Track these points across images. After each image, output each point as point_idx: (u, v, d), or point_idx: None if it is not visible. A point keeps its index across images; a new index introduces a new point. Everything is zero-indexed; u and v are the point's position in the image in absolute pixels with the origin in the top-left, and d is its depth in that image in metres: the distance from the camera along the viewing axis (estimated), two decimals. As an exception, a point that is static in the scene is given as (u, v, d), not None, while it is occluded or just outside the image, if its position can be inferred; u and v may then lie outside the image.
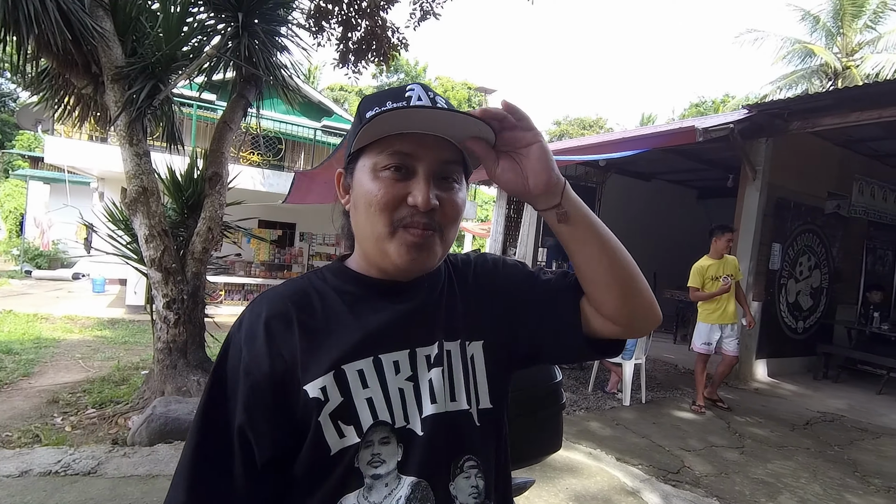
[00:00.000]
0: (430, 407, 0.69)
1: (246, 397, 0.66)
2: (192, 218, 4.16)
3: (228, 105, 4.32)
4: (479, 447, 0.72)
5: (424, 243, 0.69)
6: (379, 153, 0.69)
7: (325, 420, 0.65)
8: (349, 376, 0.67)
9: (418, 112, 0.67)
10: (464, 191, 0.74)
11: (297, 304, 0.71)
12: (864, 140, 6.66)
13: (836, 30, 15.61)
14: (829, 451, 4.00)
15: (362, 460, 0.66)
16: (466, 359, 0.74)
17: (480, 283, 0.80)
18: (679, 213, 10.33)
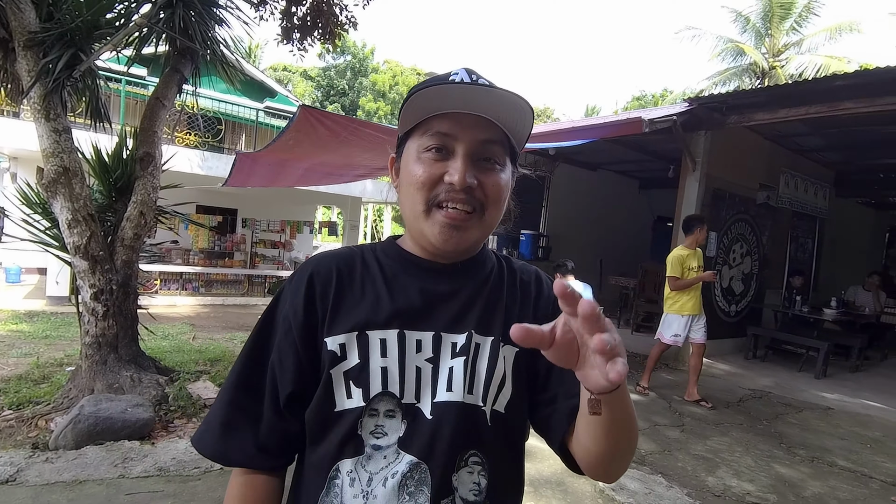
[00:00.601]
0: (445, 394, 0.70)
1: (279, 339, 0.73)
2: (122, 202, 3.83)
3: (161, 80, 3.99)
4: (487, 446, 0.71)
5: (460, 224, 0.70)
6: (421, 135, 0.72)
7: (337, 375, 0.69)
8: (370, 342, 0.70)
9: (456, 91, 0.68)
10: (507, 172, 0.75)
11: (341, 267, 0.76)
12: (790, 135, 7.10)
13: (764, 31, 16.58)
14: (759, 425, 4.28)
15: (365, 428, 0.68)
16: (497, 358, 0.74)
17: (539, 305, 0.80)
18: (623, 203, 10.69)
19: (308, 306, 0.73)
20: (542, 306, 0.81)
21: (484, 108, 0.69)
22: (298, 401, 0.72)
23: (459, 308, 0.75)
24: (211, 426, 0.74)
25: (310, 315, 0.73)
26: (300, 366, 0.72)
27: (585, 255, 9.70)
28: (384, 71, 28.43)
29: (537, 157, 9.01)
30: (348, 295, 0.74)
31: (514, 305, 0.79)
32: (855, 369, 6.58)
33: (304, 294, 0.73)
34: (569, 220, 9.77)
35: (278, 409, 0.72)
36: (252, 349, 0.76)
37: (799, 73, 15.31)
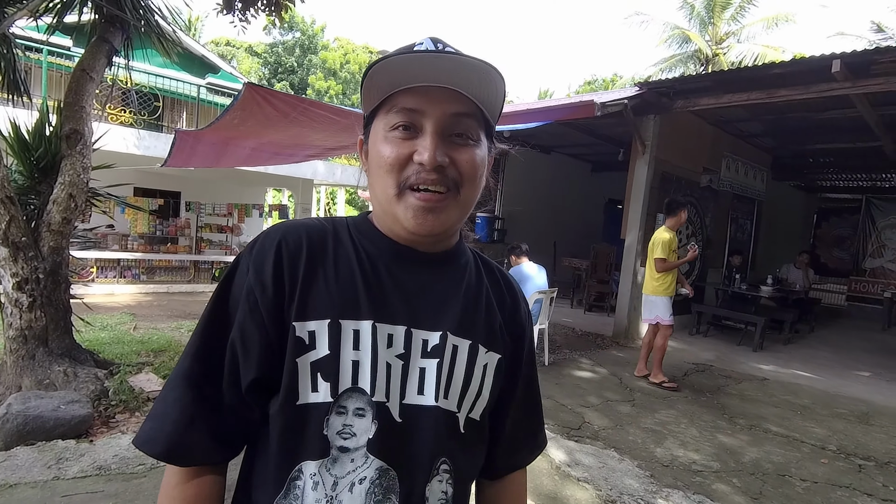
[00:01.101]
0: (416, 397, 0.66)
1: (243, 316, 0.65)
2: (46, 183, 3.52)
3: (87, 50, 3.66)
4: (457, 454, 0.68)
5: (435, 206, 0.65)
6: (387, 113, 0.66)
7: (303, 365, 0.63)
8: (343, 333, 0.64)
9: (421, 61, 0.63)
10: (483, 148, 0.69)
11: (312, 239, 0.69)
12: (732, 121, 7.42)
13: (708, 19, 17.18)
14: (703, 397, 4.51)
15: (332, 428, 0.62)
16: (476, 363, 0.70)
17: (515, 322, 0.78)
18: (576, 186, 10.90)
19: (277, 281, 0.64)
20: (518, 322, 0.78)
21: (452, 80, 0.63)
22: (262, 387, 0.64)
23: (435, 303, 0.69)
24: (159, 421, 0.64)
25: (278, 291, 0.64)
26: (268, 348, 0.64)
27: (540, 237, 9.85)
28: (335, 49, 27.56)
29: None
30: (320, 273, 0.66)
31: (493, 310, 0.75)
32: (787, 342, 7.05)
33: (273, 265, 0.65)
34: (523, 203, 9.87)
35: (240, 394, 0.64)
36: (206, 329, 0.66)
37: (739, 60, 16.03)
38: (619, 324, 6.66)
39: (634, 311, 6.60)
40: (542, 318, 5.01)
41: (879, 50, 4.71)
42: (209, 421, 0.64)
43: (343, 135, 5.15)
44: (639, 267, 6.53)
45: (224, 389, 0.64)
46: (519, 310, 0.79)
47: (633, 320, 6.60)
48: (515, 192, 9.76)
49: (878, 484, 3.07)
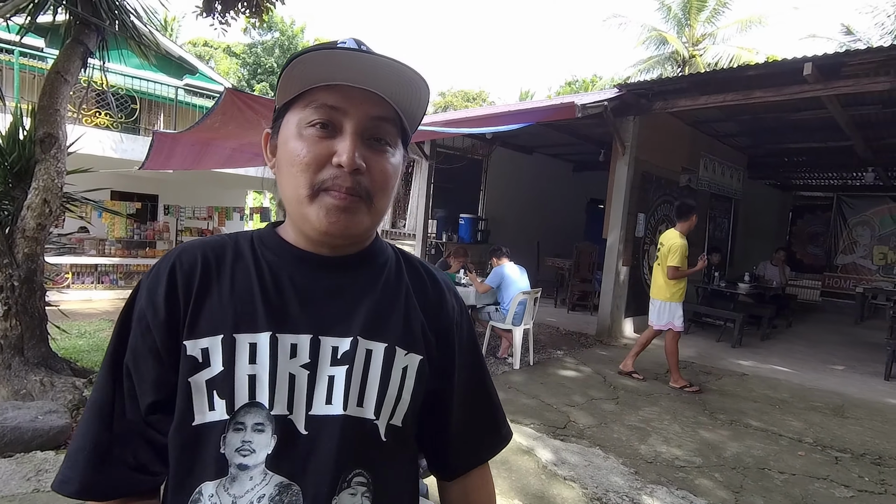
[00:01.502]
0: (323, 406, 0.62)
1: (134, 339, 0.64)
2: (20, 188, 3.43)
3: (62, 52, 3.58)
4: (376, 464, 0.64)
5: (349, 206, 0.63)
6: (304, 108, 0.63)
7: (197, 384, 0.61)
8: (238, 347, 0.62)
9: (346, 59, 0.61)
10: (398, 156, 0.68)
11: (208, 256, 0.67)
12: (708, 121, 7.58)
13: (684, 21, 17.49)
14: (684, 394, 4.59)
15: (230, 445, 0.60)
16: (392, 367, 0.67)
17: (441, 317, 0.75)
18: (557, 186, 11.00)
19: (169, 302, 0.63)
20: (444, 318, 0.75)
21: (375, 83, 0.62)
22: (164, 411, 0.63)
23: (344, 307, 0.67)
24: (73, 459, 0.62)
25: (171, 312, 0.63)
26: (162, 372, 0.62)
27: (523, 237, 9.93)
28: (316, 50, 27.36)
29: (475, 140, 9.04)
30: (214, 290, 0.64)
31: (414, 309, 0.71)
32: (765, 337, 7.22)
33: (165, 287, 0.63)
34: (506, 203, 9.93)
35: (140, 419, 0.63)
36: (110, 358, 0.65)
37: (715, 62, 16.35)
38: (602, 322, 6.74)
39: (617, 309, 6.69)
40: (527, 318, 5.04)
41: (849, 52, 4.86)
42: (122, 451, 0.63)
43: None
44: (621, 266, 6.62)
45: (131, 415, 0.63)
46: (444, 306, 0.75)
47: (615, 319, 6.69)
48: (498, 193, 9.81)
49: (853, 475, 3.17)
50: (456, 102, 30.23)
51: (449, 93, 31.92)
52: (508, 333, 5.17)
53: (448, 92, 32.07)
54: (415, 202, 10.00)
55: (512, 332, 5.04)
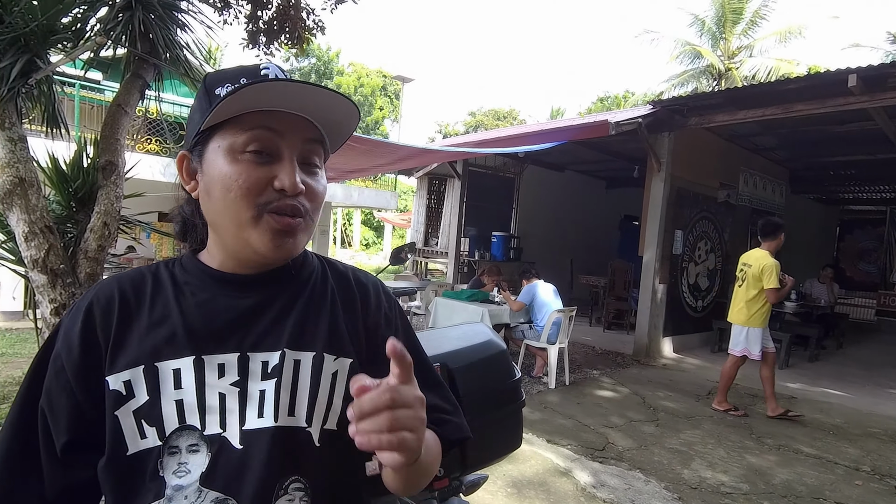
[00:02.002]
0: (255, 420, 0.63)
1: (49, 380, 0.64)
2: (83, 212, 3.67)
3: (122, 86, 3.84)
4: (313, 469, 0.65)
5: (292, 230, 0.64)
6: (236, 133, 0.63)
7: (124, 416, 0.62)
8: (161, 374, 0.63)
9: (277, 88, 0.62)
10: (324, 176, 0.71)
11: (125, 290, 0.68)
12: (746, 135, 7.41)
13: (719, 34, 17.24)
14: (728, 417, 4.43)
15: (167, 468, 0.61)
16: (321, 373, 0.67)
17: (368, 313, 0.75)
18: (590, 203, 10.92)
19: (85, 342, 0.64)
20: (371, 314, 0.75)
21: (307, 108, 0.64)
22: (80, 449, 0.63)
23: (270, 322, 0.68)
24: None
25: (87, 352, 0.63)
26: (77, 411, 0.63)
27: (556, 254, 9.87)
28: (349, 74, 28.21)
29: (506, 159, 9.11)
30: (135, 322, 0.65)
31: (339, 313, 0.73)
32: (813, 359, 6.90)
33: (81, 327, 0.64)
34: (539, 221, 9.92)
35: (56, 459, 0.63)
36: (26, 394, 0.65)
37: (752, 74, 15.99)
38: (639, 342, 6.59)
39: (655, 328, 6.55)
40: (562, 336, 5.00)
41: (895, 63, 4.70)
42: (32, 491, 0.63)
43: (361, 158, 5.28)
44: (658, 284, 6.50)
45: (42, 455, 0.63)
46: (368, 303, 0.76)
47: (653, 338, 6.54)
48: (530, 210, 9.82)
49: (915, 506, 2.99)
50: (486, 121, 30.50)
51: (479, 112, 32.25)
52: (543, 352, 5.13)
53: (478, 111, 32.42)
54: (447, 220, 10.11)
55: (547, 350, 5.00)
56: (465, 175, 8.98)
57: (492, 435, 1.06)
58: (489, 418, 1.04)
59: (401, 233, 24.51)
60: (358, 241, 26.03)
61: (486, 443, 1.05)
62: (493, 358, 1.07)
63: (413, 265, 10.91)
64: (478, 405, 1.01)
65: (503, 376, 1.09)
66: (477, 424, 1.02)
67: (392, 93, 28.45)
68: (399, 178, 14.01)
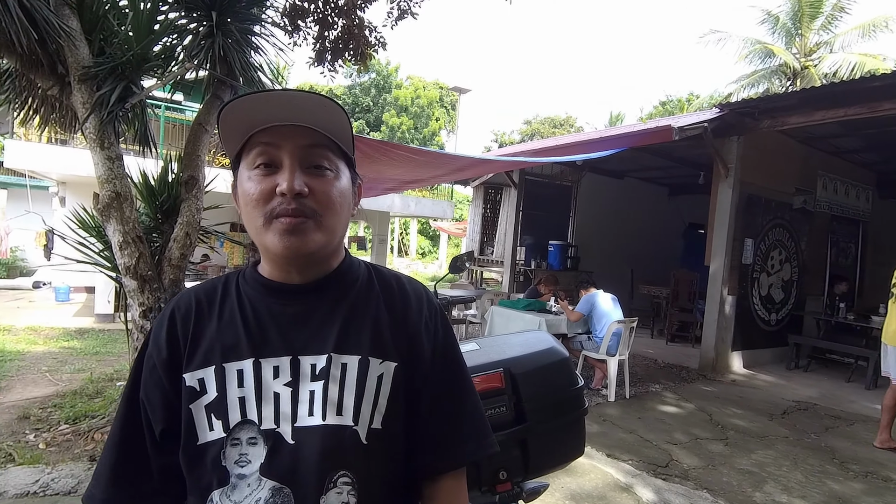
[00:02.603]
0: (307, 418, 0.70)
1: (145, 377, 0.75)
2: (168, 223, 4.00)
3: (203, 106, 4.17)
4: (359, 465, 0.71)
5: (297, 227, 0.70)
6: (248, 154, 0.72)
7: (197, 409, 0.71)
8: (227, 374, 0.71)
9: (264, 103, 0.69)
10: (342, 178, 0.75)
11: (200, 299, 0.78)
12: (825, 137, 6.92)
13: (794, 30, 16.23)
14: (807, 438, 4.14)
15: (229, 458, 0.69)
16: (368, 376, 0.73)
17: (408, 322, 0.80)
18: (651, 211, 10.55)
19: (169, 343, 0.74)
20: (412, 320, 0.80)
21: (301, 116, 0.70)
22: (172, 436, 0.73)
23: (316, 327, 0.75)
24: (94, 482, 0.74)
25: (172, 352, 0.74)
26: (168, 403, 0.73)
27: (615, 264, 9.61)
28: (407, 87, 28.86)
29: (564, 167, 9.00)
30: (207, 327, 0.75)
31: (384, 318, 0.78)
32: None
33: (166, 331, 0.75)
34: (597, 229, 9.70)
35: (156, 443, 0.73)
36: (129, 390, 0.76)
37: (833, 72, 14.91)
38: (705, 356, 6.29)
39: (722, 342, 6.23)
40: (622, 348, 4.86)
41: None
42: (141, 473, 0.73)
43: (420, 170, 5.41)
44: (726, 295, 6.18)
45: (147, 442, 0.74)
46: (410, 312, 0.80)
47: (721, 352, 6.22)
48: (588, 218, 9.63)
49: None
50: (542, 130, 30.20)
51: (535, 120, 32.00)
52: (602, 364, 5.01)
53: (534, 120, 32.17)
54: (503, 229, 10.09)
55: (606, 362, 4.88)
56: (521, 184, 8.95)
57: (555, 441, 1.07)
58: (552, 425, 1.06)
59: (456, 242, 24.66)
60: (414, 249, 26.43)
61: (549, 449, 1.06)
62: (555, 365, 1.09)
63: (468, 274, 10.96)
64: (541, 411, 1.04)
65: (566, 383, 1.10)
66: (540, 431, 1.05)
67: (448, 103, 28.82)
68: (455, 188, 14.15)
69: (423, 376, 0.79)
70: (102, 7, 3.60)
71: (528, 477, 1.07)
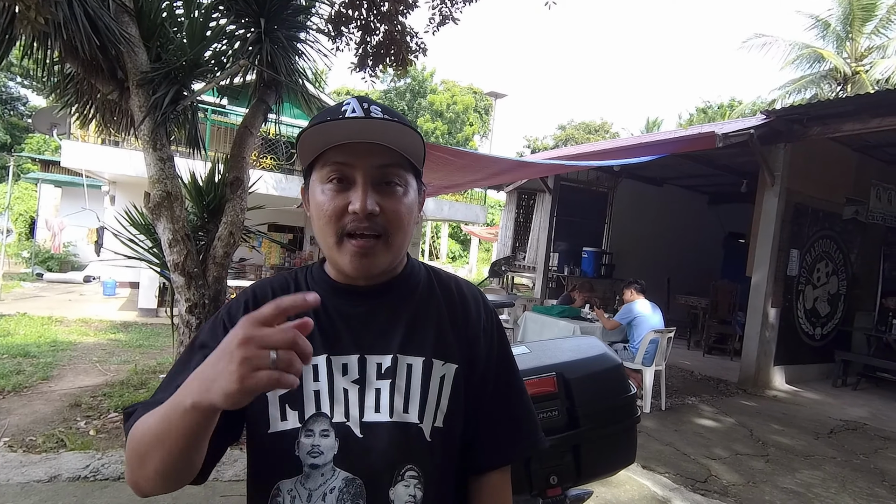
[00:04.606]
0: (374, 415, 0.73)
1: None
2: (213, 222, 4.15)
3: (249, 110, 4.31)
4: (424, 460, 0.73)
5: (368, 251, 0.72)
6: (322, 167, 0.74)
7: (273, 398, 0.72)
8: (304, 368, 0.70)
9: (348, 123, 0.71)
10: (410, 192, 0.77)
11: (276, 291, 0.80)
12: (880, 146, 6.62)
13: (845, 34, 15.57)
14: (856, 459, 3.95)
15: (302, 450, 0.71)
16: (431, 377, 0.76)
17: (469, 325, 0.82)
18: (691, 219, 10.29)
19: None
20: (472, 325, 0.82)
21: (375, 135, 0.71)
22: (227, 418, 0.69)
23: (381, 329, 0.77)
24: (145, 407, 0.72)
25: None
26: None
27: (651, 272, 9.37)
28: (442, 91, 29.03)
29: (599, 173, 8.89)
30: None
31: (446, 321, 0.81)
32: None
33: (243, 312, 0.72)
34: (633, 237, 9.52)
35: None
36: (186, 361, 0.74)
37: (885, 77, 14.25)
38: (745, 369, 6.08)
39: (765, 356, 6.02)
40: (659, 358, 4.76)
41: None
42: None
43: (458, 174, 5.44)
44: (769, 308, 5.97)
45: None
46: (469, 315, 0.83)
47: (762, 366, 6.00)
48: (624, 226, 9.46)
49: None
50: (577, 135, 29.89)
51: (569, 126, 31.70)
52: (637, 374, 4.90)
53: (568, 125, 31.87)
54: (535, 235, 10.03)
55: (642, 372, 4.78)
56: (556, 189, 8.87)
57: (607, 449, 1.07)
58: (605, 431, 1.05)
59: (486, 246, 24.61)
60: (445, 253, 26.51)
61: (601, 456, 1.06)
62: (608, 372, 1.09)
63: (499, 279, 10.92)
64: (593, 417, 1.04)
65: (618, 391, 1.10)
66: (592, 437, 1.04)
67: (482, 108, 28.85)
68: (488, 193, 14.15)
69: (480, 377, 0.82)
70: (160, 15, 3.78)
71: (579, 483, 1.07)
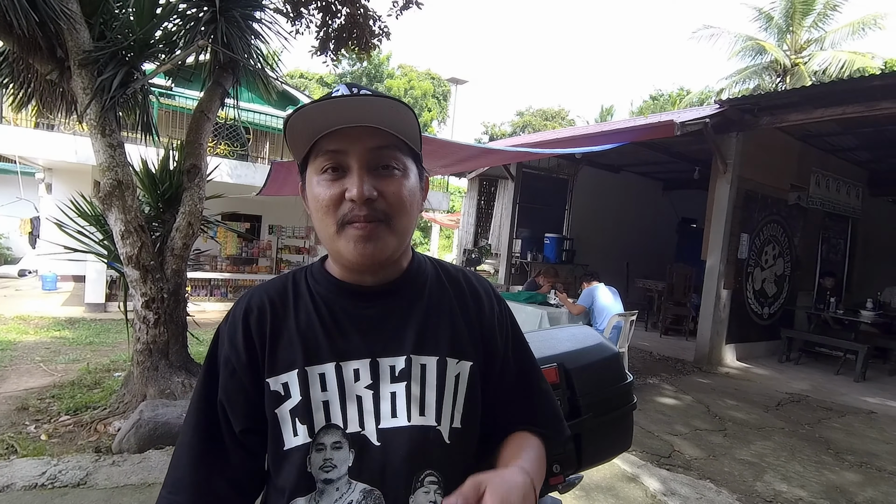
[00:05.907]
0: (391, 420, 0.69)
1: (224, 380, 0.72)
2: (169, 212, 3.94)
3: (205, 94, 4.10)
4: (444, 464, 0.71)
5: (371, 234, 0.68)
6: (315, 159, 0.71)
7: (283, 414, 0.69)
8: (310, 378, 0.70)
9: (333, 106, 0.67)
10: (411, 176, 0.73)
11: (273, 300, 0.75)
12: (821, 135, 7.01)
13: (786, 27, 16.35)
14: (801, 430, 4.23)
15: (314, 465, 0.68)
16: (446, 377, 0.73)
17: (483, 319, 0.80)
18: (647, 205, 10.63)
19: (248, 348, 0.72)
20: (486, 319, 0.80)
21: (366, 117, 0.67)
22: (254, 434, 0.72)
23: (392, 329, 0.74)
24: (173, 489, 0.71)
25: (251, 356, 0.72)
26: (251, 405, 0.71)
27: (610, 257, 9.68)
28: (399, 76, 28.61)
29: (561, 160, 9.02)
30: (284, 328, 0.73)
31: (458, 318, 0.78)
32: (893, 372, 6.46)
33: (242, 333, 0.73)
34: (593, 223, 9.75)
35: (238, 442, 0.72)
36: (201, 395, 0.74)
37: (822, 69, 15.08)
38: (700, 349, 6.38)
39: (717, 335, 6.33)
40: (622, 341, 4.91)
41: None
42: (221, 471, 0.70)
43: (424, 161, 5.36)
44: (722, 289, 6.27)
45: (227, 441, 0.71)
46: (483, 311, 0.81)
47: (715, 345, 6.31)
48: (584, 212, 9.67)
49: None
50: (534, 122, 30.19)
51: (527, 112, 31.98)
52: (602, 356, 5.05)
53: (526, 111, 32.15)
54: (498, 222, 10.11)
55: (606, 355, 4.92)
56: (518, 176, 8.95)
57: (606, 436, 1.08)
58: (604, 419, 1.07)
59: (447, 233, 24.65)
60: (405, 240, 26.33)
61: (600, 444, 1.08)
62: (606, 360, 1.10)
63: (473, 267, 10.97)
64: (594, 406, 1.05)
65: (616, 379, 1.11)
66: (593, 425, 1.06)
67: (440, 94, 28.65)
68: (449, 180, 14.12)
69: (499, 371, 0.80)
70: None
71: (579, 470, 1.08)
